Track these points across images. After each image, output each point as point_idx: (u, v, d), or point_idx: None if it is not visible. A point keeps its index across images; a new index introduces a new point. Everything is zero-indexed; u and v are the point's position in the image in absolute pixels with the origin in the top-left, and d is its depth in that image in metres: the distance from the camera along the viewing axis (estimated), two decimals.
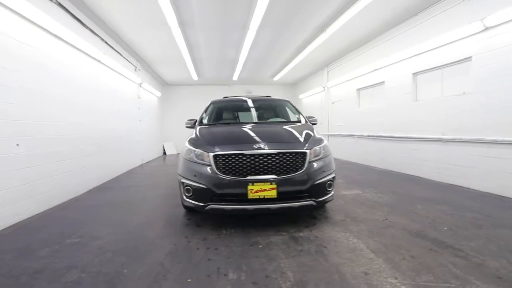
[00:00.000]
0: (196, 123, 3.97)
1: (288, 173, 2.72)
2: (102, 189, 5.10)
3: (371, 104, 7.53)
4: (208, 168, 2.75)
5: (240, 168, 2.69)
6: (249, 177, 2.66)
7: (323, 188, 2.88)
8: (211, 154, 2.76)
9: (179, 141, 12.68)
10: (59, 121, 4.07)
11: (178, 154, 11.99)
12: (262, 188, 2.65)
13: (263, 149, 2.73)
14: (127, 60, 7.10)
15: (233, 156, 2.72)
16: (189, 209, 3.40)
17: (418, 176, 5.55)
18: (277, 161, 2.72)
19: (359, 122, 7.88)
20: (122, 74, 6.71)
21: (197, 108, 13.06)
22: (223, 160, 2.73)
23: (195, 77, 10.42)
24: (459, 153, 4.70)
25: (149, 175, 6.75)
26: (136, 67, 7.85)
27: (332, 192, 3.02)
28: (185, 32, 5.82)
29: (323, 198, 2.90)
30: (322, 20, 5.65)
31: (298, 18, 5.54)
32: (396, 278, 1.89)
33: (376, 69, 6.91)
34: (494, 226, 2.82)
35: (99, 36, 5.45)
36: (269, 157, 2.72)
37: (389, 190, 4.47)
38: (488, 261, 2.09)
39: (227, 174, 2.69)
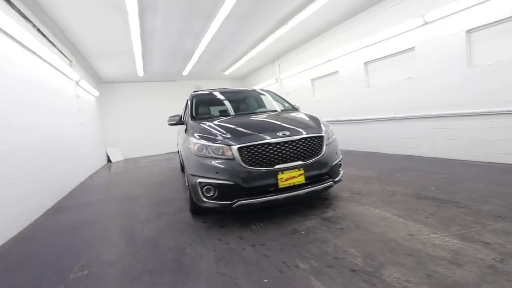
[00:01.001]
0: (187, 119, 3.61)
1: (311, 157, 2.76)
2: (62, 210, 4.16)
3: (326, 93, 8.19)
4: (233, 162, 2.55)
5: (268, 158, 2.60)
6: (277, 166, 2.59)
7: (337, 169, 3.04)
8: (235, 147, 2.57)
9: (126, 146, 11.28)
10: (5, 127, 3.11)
11: (125, 160, 10.66)
12: (291, 175, 2.63)
13: (287, 136, 2.69)
14: (61, 52, 5.85)
15: (259, 146, 2.60)
16: (197, 212, 3.12)
17: (378, 152, 6.38)
18: (301, 146, 2.73)
19: (316, 110, 8.49)
20: (59, 70, 5.51)
21: (144, 107, 11.96)
22: (249, 151, 2.58)
23: (140, 72, 9.34)
24: (410, 128, 5.60)
25: (110, 186, 5.80)
26: (71, 62, 6.54)
27: (342, 172, 3.21)
28: (142, 18, 5.13)
29: (338, 178, 3.05)
30: (286, 12, 5.81)
31: (264, 8, 5.55)
32: (436, 233, 2.17)
33: (329, 60, 7.53)
34: (461, 181, 3.49)
35: (31, 22, 4.32)
36: (294, 144, 2.70)
37: (366, 166, 5.01)
38: (482, 207, 2.60)
39: (255, 166, 2.56)
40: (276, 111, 3.97)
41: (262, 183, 2.56)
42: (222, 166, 2.57)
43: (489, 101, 4.26)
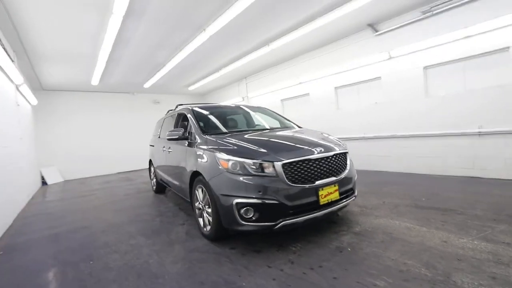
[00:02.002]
0: (196, 133, 3.30)
1: (341, 173, 2.83)
2: (15, 248, 3.15)
3: (296, 113, 8.66)
4: (275, 180, 2.43)
5: (309, 174, 2.56)
6: (317, 182, 2.58)
7: (355, 184, 3.19)
8: (279, 163, 2.46)
9: (65, 165, 9.49)
10: None
11: (65, 182, 8.95)
12: (329, 191, 2.64)
13: (323, 152, 2.72)
14: (3, 48, 4.72)
15: (301, 162, 2.55)
16: (218, 238, 2.79)
17: None
18: (334, 162, 2.79)
19: None
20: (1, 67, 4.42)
21: (92, 120, 10.46)
22: (291, 168, 2.50)
23: (95, 81, 8.21)
24: (378, 146, 6.34)
25: (70, 212, 4.69)
26: (13, 61, 5.33)
27: None
28: (126, 21, 4.61)
29: (356, 193, 3.20)
30: (270, 35, 6.07)
31: (255, 31, 5.70)
32: (463, 238, 2.46)
33: (301, 83, 8.08)
34: (439, 191, 4.07)
35: None
36: (329, 160, 2.74)
37: None
38: (476, 212, 3.07)
39: (297, 183, 2.48)
40: (287, 127, 3.99)
41: (305, 200, 2.49)
42: (265, 184, 2.41)
43: (442, 125, 5.19)
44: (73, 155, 9.64)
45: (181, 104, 5.52)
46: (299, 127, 4.24)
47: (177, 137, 3.48)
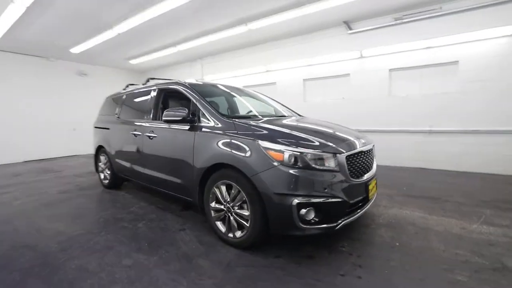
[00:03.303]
0: (214, 116, 2.65)
1: (374, 166, 2.78)
2: None
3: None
4: (337, 175, 2.14)
5: (361, 168, 2.39)
6: (365, 176, 2.43)
7: None
8: (343, 155, 2.17)
9: None
10: None
11: None
12: (373, 185, 2.55)
13: (365, 144, 2.58)
14: None
15: (356, 155, 2.34)
16: (251, 246, 2.33)
17: None
18: (372, 155, 2.70)
19: None
20: None
21: None
22: (350, 161, 2.26)
23: None
24: None
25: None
26: None
27: None
28: None
29: None
30: (247, 15, 5.55)
31: (228, 8, 5.09)
32: (474, 224, 2.78)
33: (268, 71, 7.84)
34: (413, 181, 4.60)
35: None
36: (370, 152, 2.64)
37: None
38: (458, 199, 3.56)
39: (353, 178, 2.27)
40: (293, 115, 3.69)
41: (359, 196, 2.31)
42: (330, 180, 2.09)
43: (401, 122, 5.93)
44: None
45: (132, 84, 4.65)
46: (300, 115, 4.01)
47: (180, 118, 2.72)
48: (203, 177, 2.59)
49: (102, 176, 4.72)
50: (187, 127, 2.82)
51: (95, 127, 4.92)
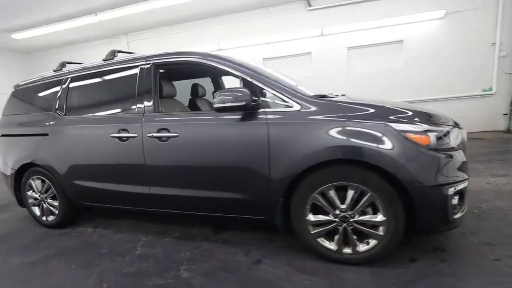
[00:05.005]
0: (297, 97, 1.91)
1: None
2: None
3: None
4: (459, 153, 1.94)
5: None
6: None
7: None
8: (464, 130, 1.96)
9: None
10: None
11: None
12: None
13: None
14: None
15: None
16: (381, 256, 1.89)
17: None
18: None
19: None
20: None
21: None
22: None
23: None
24: None
25: None
26: None
27: None
28: None
29: None
30: None
31: None
32: (491, 177, 3.21)
33: (220, 49, 6.90)
34: None
35: None
36: None
37: None
38: None
39: None
40: None
41: None
42: (462, 158, 1.86)
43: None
44: None
45: (70, 62, 3.08)
46: None
47: (243, 103, 1.84)
48: (291, 184, 1.87)
49: (37, 210, 2.97)
50: (238, 117, 1.96)
51: (3, 135, 3.02)
